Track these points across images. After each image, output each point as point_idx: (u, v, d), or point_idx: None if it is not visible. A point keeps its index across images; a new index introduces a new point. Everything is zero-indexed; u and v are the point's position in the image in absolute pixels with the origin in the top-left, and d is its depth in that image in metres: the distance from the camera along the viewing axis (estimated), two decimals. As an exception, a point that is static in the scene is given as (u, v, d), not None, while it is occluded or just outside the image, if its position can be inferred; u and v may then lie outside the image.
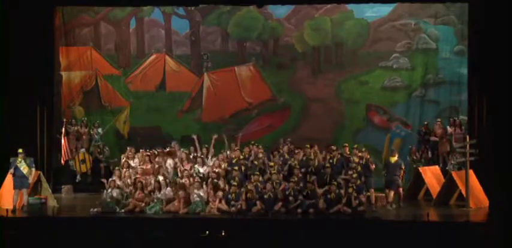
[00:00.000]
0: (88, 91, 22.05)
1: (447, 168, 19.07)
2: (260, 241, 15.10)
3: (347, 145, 18.25)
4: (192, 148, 18.66)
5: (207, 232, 15.15)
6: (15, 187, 17.51)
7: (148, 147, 19.10)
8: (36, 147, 19.51)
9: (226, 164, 17.68)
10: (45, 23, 20.28)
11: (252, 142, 18.68)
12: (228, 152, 18.34)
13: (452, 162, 18.98)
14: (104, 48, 22.15)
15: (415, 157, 19.78)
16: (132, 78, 22.14)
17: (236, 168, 17.28)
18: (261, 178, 16.91)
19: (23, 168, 17.50)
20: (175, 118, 22.02)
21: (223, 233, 15.10)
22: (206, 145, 18.61)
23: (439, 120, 20.29)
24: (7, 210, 16.80)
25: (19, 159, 17.53)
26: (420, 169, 18.78)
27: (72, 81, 21.97)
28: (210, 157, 18.20)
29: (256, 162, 17.53)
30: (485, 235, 14.82)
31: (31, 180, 17.75)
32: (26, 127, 19.42)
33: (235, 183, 16.69)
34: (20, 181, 17.50)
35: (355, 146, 18.29)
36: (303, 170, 17.28)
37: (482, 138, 17.81)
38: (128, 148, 18.95)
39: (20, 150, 17.60)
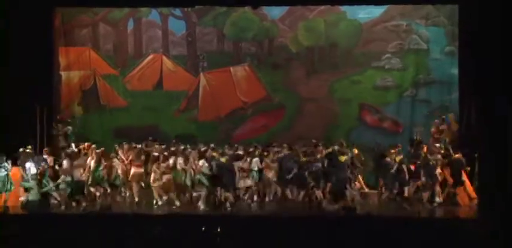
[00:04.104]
0: (86, 91, 22.31)
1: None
2: (258, 239, 15.29)
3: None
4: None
5: (203, 228, 15.36)
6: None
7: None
8: (36, 145, 19.52)
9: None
10: (45, 23, 20.55)
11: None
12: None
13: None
14: (102, 48, 22.39)
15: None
16: (129, 78, 22.40)
17: None
18: None
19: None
20: (172, 117, 22.26)
21: (218, 230, 15.29)
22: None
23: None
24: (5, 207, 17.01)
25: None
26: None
27: (71, 80, 22.24)
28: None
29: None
30: (475, 231, 14.98)
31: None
32: (25, 127, 19.52)
33: None
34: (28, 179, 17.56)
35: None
36: None
37: (472, 137, 18.00)
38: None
39: (29, 147, 17.76)
